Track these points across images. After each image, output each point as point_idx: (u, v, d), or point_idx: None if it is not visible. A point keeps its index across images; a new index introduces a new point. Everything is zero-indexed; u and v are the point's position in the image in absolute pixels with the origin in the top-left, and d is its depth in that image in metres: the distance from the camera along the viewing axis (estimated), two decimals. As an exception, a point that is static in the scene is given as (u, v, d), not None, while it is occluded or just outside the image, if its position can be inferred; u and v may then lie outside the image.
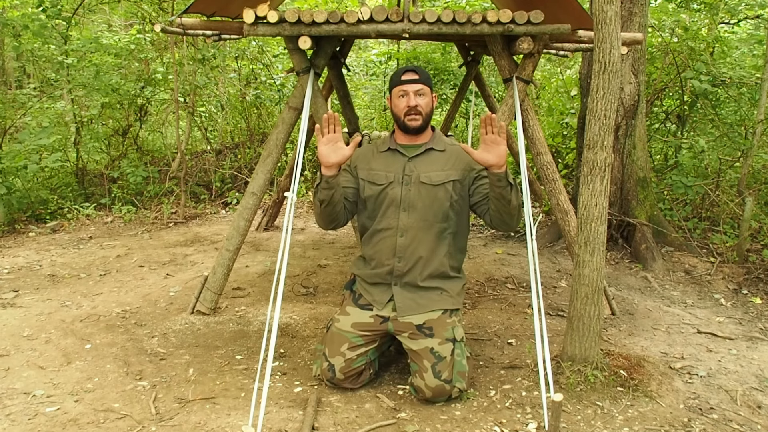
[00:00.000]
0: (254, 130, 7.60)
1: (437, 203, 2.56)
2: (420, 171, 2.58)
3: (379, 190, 2.61)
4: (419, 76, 2.55)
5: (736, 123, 5.69)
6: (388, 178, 2.60)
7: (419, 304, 2.57)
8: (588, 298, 2.62)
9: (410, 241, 2.56)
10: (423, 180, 2.56)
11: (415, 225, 2.56)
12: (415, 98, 2.54)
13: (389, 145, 2.66)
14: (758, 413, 2.52)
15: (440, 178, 2.56)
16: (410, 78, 2.55)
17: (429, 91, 2.59)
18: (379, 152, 2.69)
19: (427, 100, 2.58)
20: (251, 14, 3.01)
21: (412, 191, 2.57)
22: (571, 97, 6.82)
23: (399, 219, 2.58)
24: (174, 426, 2.32)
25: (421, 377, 2.46)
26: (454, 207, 2.59)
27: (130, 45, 6.69)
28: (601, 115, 2.51)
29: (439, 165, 2.59)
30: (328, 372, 2.57)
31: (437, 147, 2.63)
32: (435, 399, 2.47)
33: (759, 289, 4.04)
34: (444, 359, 2.46)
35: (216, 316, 3.40)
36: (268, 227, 5.42)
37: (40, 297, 3.74)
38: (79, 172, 6.61)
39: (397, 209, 2.58)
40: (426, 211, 2.56)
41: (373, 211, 2.64)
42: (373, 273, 2.64)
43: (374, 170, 2.64)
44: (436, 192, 2.55)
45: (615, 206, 4.74)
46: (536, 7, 3.05)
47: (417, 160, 2.60)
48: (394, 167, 2.61)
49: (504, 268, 4.40)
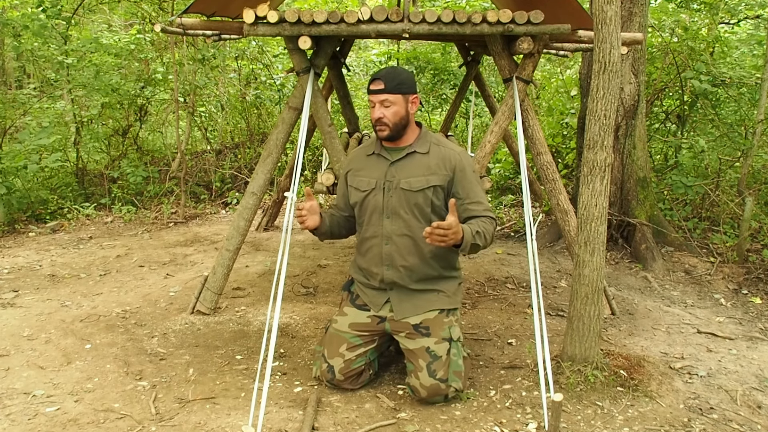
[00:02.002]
0: (254, 130, 7.60)
1: (418, 209, 2.50)
2: (401, 176, 2.51)
3: (362, 197, 2.57)
4: (385, 85, 2.44)
5: (736, 123, 5.69)
6: (370, 184, 2.56)
7: (416, 306, 2.56)
8: (588, 298, 2.62)
9: (395, 249, 2.52)
10: (403, 186, 2.49)
11: (399, 231, 2.51)
12: (379, 109, 2.45)
13: (374, 149, 2.61)
14: (758, 413, 2.52)
15: (420, 183, 2.49)
16: (375, 88, 2.46)
17: (399, 98, 2.46)
18: (366, 156, 2.64)
19: (394, 109, 2.45)
20: (251, 14, 3.01)
21: (393, 198, 2.51)
22: (571, 97, 6.82)
23: (383, 226, 2.53)
24: (174, 426, 2.32)
25: (417, 376, 2.45)
26: (437, 212, 2.53)
27: (130, 45, 6.68)
28: (601, 115, 2.51)
29: (420, 169, 2.51)
30: (328, 373, 2.56)
31: (420, 149, 2.54)
32: (430, 398, 2.46)
33: (759, 289, 4.04)
34: (440, 358, 2.45)
35: (216, 316, 3.40)
36: (268, 227, 5.42)
37: (40, 297, 3.74)
38: (79, 172, 6.61)
39: (381, 216, 2.54)
40: (408, 217, 2.50)
41: (360, 218, 2.63)
42: (366, 282, 2.64)
43: (359, 176, 2.61)
44: (416, 198, 2.49)
45: (615, 206, 4.74)
46: (536, 7, 3.05)
47: (399, 165, 2.53)
48: (376, 173, 2.56)
49: (504, 268, 4.40)
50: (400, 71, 2.49)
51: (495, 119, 3.42)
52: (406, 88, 2.49)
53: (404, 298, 2.57)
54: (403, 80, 2.47)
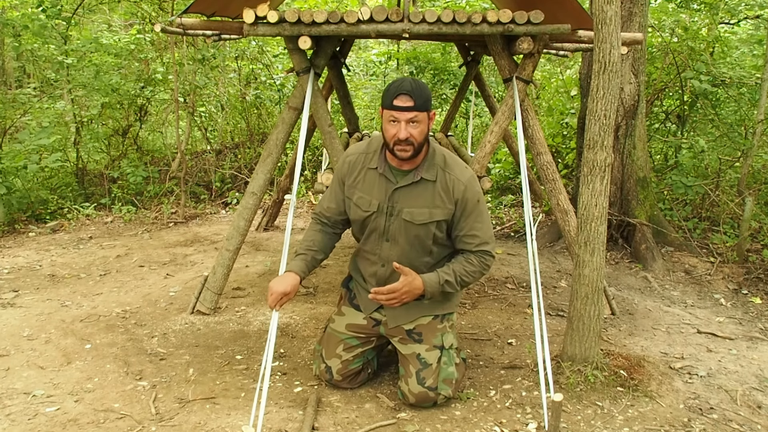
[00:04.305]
0: (254, 130, 7.60)
1: (418, 241, 2.41)
2: (404, 205, 2.38)
3: (364, 216, 2.45)
4: (414, 102, 2.20)
5: (736, 123, 5.69)
6: (372, 206, 2.41)
7: (408, 313, 2.51)
8: (588, 298, 2.62)
9: (391, 273, 2.46)
10: (405, 217, 2.37)
11: (397, 258, 2.41)
12: (406, 128, 2.22)
13: (378, 166, 2.41)
14: (758, 413, 2.52)
15: (423, 217, 2.36)
16: (403, 105, 2.21)
17: (425, 116, 2.25)
18: (368, 168, 2.45)
19: (421, 128, 2.25)
20: (251, 14, 3.02)
21: (394, 224, 2.41)
22: (571, 97, 6.82)
23: (381, 248, 2.46)
24: (174, 426, 2.32)
25: (406, 382, 2.45)
26: (438, 242, 2.44)
27: (130, 45, 6.68)
28: (601, 115, 2.51)
29: (425, 200, 2.37)
30: (326, 374, 2.57)
31: (428, 176, 2.36)
32: (419, 405, 2.45)
33: (759, 289, 4.04)
34: (429, 366, 2.43)
35: (216, 316, 3.40)
36: (268, 227, 5.42)
37: (40, 297, 3.74)
38: (79, 172, 6.61)
39: (380, 238, 2.46)
40: (408, 246, 2.42)
41: (359, 231, 2.55)
42: (363, 284, 2.63)
43: (359, 191, 2.45)
44: (418, 230, 2.38)
45: (615, 206, 4.74)
46: (536, 7, 3.05)
47: (403, 191, 2.38)
48: (379, 194, 2.41)
49: (504, 268, 4.40)
50: (423, 85, 2.27)
51: (495, 119, 3.43)
52: (430, 104, 2.30)
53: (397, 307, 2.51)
54: (428, 96, 2.28)
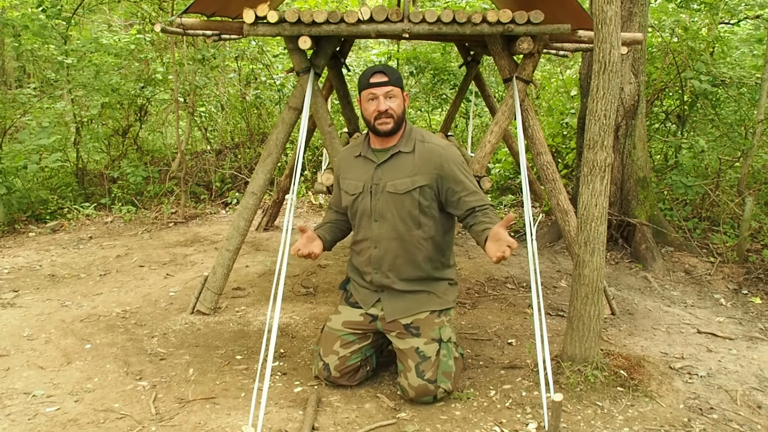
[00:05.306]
0: (254, 130, 7.60)
1: (405, 211, 2.48)
2: (387, 179, 2.49)
3: (352, 200, 2.57)
4: (388, 78, 2.44)
5: (736, 123, 5.69)
6: (357, 187, 2.55)
7: (406, 307, 2.55)
8: (588, 298, 2.62)
9: (384, 252, 2.52)
10: (389, 189, 2.48)
11: (387, 235, 2.51)
12: (385, 101, 2.43)
13: (361, 151, 2.59)
14: (758, 413, 2.52)
15: (406, 185, 2.47)
16: (379, 81, 2.43)
17: (399, 91, 2.48)
18: (354, 157, 2.63)
19: (398, 101, 2.46)
20: (251, 14, 3.02)
21: (380, 201, 2.50)
22: (571, 97, 6.82)
23: (371, 229, 2.53)
24: (174, 426, 2.32)
25: (405, 377, 2.46)
26: (425, 212, 2.51)
27: (130, 45, 6.68)
28: (601, 115, 2.51)
29: (406, 170, 2.48)
30: (324, 371, 2.58)
31: (405, 149, 2.51)
32: (419, 399, 2.46)
33: (759, 289, 4.04)
34: (428, 359, 2.45)
35: (216, 316, 3.40)
36: (268, 227, 5.42)
37: (40, 297, 3.74)
38: (79, 172, 6.61)
39: (369, 219, 2.53)
40: (396, 220, 2.49)
41: (352, 220, 2.63)
42: (360, 281, 2.65)
43: (348, 179, 2.61)
44: (403, 200, 2.47)
45: (615, 206, 4.74)
46: (536, 7, 3.05)
47: (385, 167, 2.52)
48: (363, 176, 2.55)
49: (504, 268, 4.40)
50: (393, 68, 2.54)
51: (495, 119, 3.43)
52: (402, 84, 2.55)
53: (395, 299, 2.57)
54: (400, 75, 2.53)
